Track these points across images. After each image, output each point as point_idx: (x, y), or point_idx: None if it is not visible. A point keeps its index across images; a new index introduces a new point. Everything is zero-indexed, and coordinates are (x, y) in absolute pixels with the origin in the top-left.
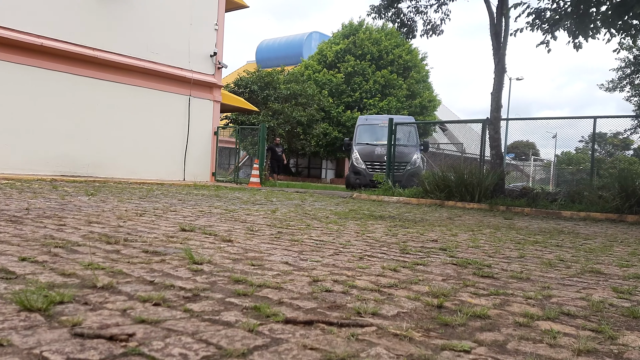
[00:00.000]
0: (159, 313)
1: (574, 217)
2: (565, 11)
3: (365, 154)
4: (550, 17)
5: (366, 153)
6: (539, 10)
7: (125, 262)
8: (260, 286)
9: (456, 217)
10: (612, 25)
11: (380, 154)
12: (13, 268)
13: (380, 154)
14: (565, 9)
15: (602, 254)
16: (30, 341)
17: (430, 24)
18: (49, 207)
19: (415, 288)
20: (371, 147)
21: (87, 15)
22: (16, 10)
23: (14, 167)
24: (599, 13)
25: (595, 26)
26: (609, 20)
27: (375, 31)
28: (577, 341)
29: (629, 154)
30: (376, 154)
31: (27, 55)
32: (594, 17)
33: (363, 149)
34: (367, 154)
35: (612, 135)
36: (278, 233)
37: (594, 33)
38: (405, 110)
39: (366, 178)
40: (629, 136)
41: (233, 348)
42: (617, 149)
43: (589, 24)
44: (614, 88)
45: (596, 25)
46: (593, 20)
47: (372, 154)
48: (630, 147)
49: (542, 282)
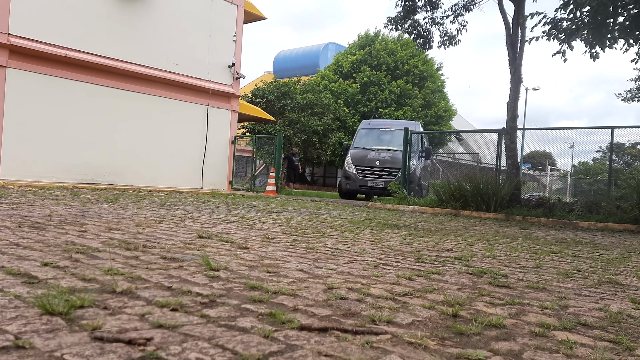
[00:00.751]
0: (177, 318)
1: (591, 227)
2: (582, 21)
3: (357, 158)
4: (567, 28)
5: (358, 157)
6: (556, 20)
7: (143, 268)
8: (275, 293)
9: (472, 227)
10: (630, 35)
11: (372, 158)
12: (35, 273)
13: (372, 158)
14: (582, 19)
15: (620, 265)
16: (51, 344)
17: (447, 34)
18: (70, 214)
19: (430, 297)
20: (365, 151)
21: (109, 27)
22: (41, 22)
23: (37, 175)
24: (616, 23)
25: (612, 36)
26: (626, 30)
27: (391, 42)
28: (594, 352)
29: None
30: (368, 158)
31: (52, 66)
32: (611, 28)
33: (356, 153)
34: (359, 158)
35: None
36: (293, 241)
37: (611, 43)
38: (421, 120)
39: (356, 183)
40: None
41: (249, 354)
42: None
43: (606, 34)
44: (632, 98)
45: (614, 36)
46: (610, 30)
47: (364, 158)
48: None
49: (558, 292)
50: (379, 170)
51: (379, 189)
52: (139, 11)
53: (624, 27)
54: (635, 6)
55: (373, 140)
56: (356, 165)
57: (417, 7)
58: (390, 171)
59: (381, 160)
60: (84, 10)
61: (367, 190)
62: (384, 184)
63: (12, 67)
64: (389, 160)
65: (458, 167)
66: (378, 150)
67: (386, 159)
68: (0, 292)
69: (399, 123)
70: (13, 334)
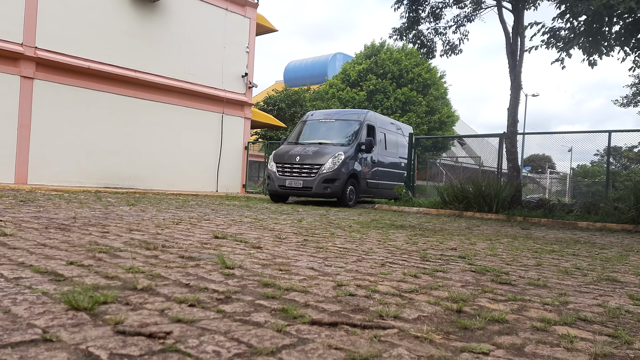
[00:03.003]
0: (194, 313)
1: (590, 227)
2: (579, 30)
3: (279, 154)
4: (565, 36)
5: (281, 153)
6: (554, 30)
7: (163, 267)
8: (287, 290)
9: (474, 227)
10: (626, 43)
11: (293, 153)
12: (62, 271)
13: (293, 153)
14: (579, 28)
15: (618, 263)
16: (77, 337)
17: (449, 44)
18: (93, 216)
19: (435, 293)
20: (289, 147)
21: (129, 40)
22: (66, 37)
23: (62, 180)
24: (612, 32)
25: (609, 44)
26: (622, 39)
27: (396, 51)
28: (594, 345)
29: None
30: (290, 154)
31: (76, 77)
32: (607, 36)
33: (281, 149)
34: (281, 154)
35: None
36: (304, 241)
37: (608, 51)
38: (425, 126)
39: (275, 183)
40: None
41: (263, 347)
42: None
43: (602, 42)
44: (629, 104)
45: (610, 44)
46: (606, 38)
47: (285, 154)
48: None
49: (559, 289)
50: (299, 167)
51: (297, 189)
52: (157, 25)
53: (620, 35)
54: (629, 15)
55: (310, 133)
56: (277, 163)
57: (421, 18)
58: (311, 168)
59: (302, 156)
60: (105, 25)
61: (286, 191)
62: (303, 183)
63: (39, 78)
64: (310, 156)
65: (461, 170)
66: (308, 145)
67: (307, 154)
68: (29, 289)
69: (343, 113)
70: (41, 328)
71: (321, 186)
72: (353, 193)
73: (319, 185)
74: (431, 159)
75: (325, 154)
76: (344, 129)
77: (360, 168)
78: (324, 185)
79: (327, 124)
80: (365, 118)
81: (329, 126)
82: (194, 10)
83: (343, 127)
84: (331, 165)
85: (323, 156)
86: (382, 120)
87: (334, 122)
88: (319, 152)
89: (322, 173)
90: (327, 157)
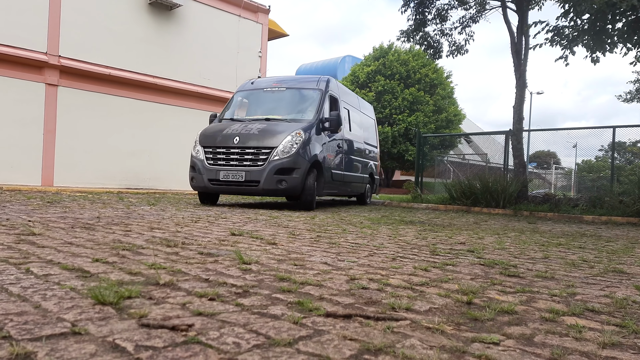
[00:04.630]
0: (214, 307)
1: (595, 221)
2: (582, 28)
3: (209, 135)
4: (569, 34)
5: (210, 133)
6: (558, 28)
7: (183, 263)
8: (302, 284)
9: (482, 222)
10: (628, 40)
11: (230, 133)
12: (88, 268)
13: (230, 133)
14: (582, 26)
15: (624, 255)
16: (104, 330)
17: (455, 45)
18: (116, 216)
19: (446, 286)
20: (223, 125)
21: (147, 47)
22: (88, 45)
23: (86, 182)
24: (614, 29)
25: (612, 41)
26: (624, 35)
27: (403, 53)
28: (602, 335)
29: None
30: (225, 134)
31: (97, 84)
32: (610, 33)
33: (210, 128)
34: (211, 135)
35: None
36: (317, 237)
37: (611, 48)
38: (432, 125)
39: (203, 177)
40: None
41: (280, 338)
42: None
43: (605, 39)
44: (632, 99)
45: (613, 41)
46: (609, 35)
47: (217, 134)
48: None
49: (566, 280)
50: (238, 153)
51: (237, 185)
52: (173, 32)
53: (622, 33)
54: (632, 13)
55: (252, 106)
56: (205, 147)
57: (427, 20)
58: (257, 154)
59: (243, 136)
60: (125, 33)
61: (220, 187)
62: (245, 175)
63: (63, 85)
64: (256, 136)
65: (468, 167)
66: (247, 122)
67: (251, 134)
68: (58, 284)
69: (297, 79)
70: (70, 321)
71: (273, 179)
72: (314, 190)
73: (269, 178)
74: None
75: (278, 133)
76: (300, 101)
77: (325, 154)
78: (277, 178)
79: (276, 94)
80: (327, 87)
81: (279, 97)
82: (208, 18)
83: (298, 98)
84: (287, 149)
85: (275, 136)
86: (346, 92)
87: (284, 92)
88: (269, 131)
89: (275, 160)
90: (281, 137)
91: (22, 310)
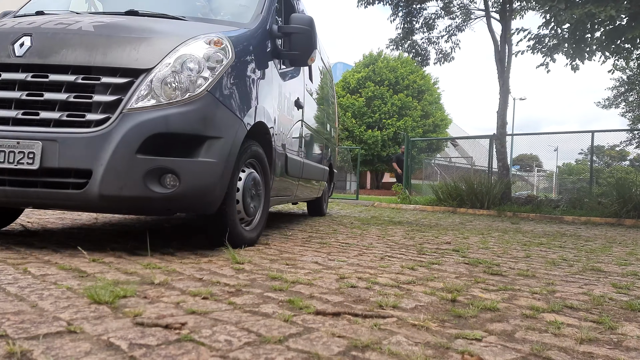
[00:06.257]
0: (207, 305)
1: (575, 221)
2: (562, 37)
3: None
4: (549, 42)
5: None
6: (539, 36)
7: (178, 263)
8: (293, 282)
9: (467, 222)
10: (607, 48)
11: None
12: (84, 268)
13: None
14: (562, 35)
15: (602, 254)
16: (99, 329)
17: (442, 52)
18: (113, 216)
19: (431, 284)
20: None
21: None
22: None
23: None
24: (593, 39)
25: (591, 50)
26: (603, 44)
27: (392, 60)
28: (580, 331)
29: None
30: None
31: None
32: (589, 42)
33: None
34: None
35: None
36: (308, 237)
37: (590, 56)
38: (420, 129)
39: None
40: (624, 148)
41: (271, 335)
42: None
43: (585, 48)
44: (610, 105)
45: (592, 49)
46: (589, 44)
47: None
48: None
49: (546, 279)
50: (27, 84)
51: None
52: None
53: (601, 41)
54: (610, 23)
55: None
56: None
57: (415, 28)
58: (86, 90)
59: (42, 39)
60: None
61: None
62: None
63: None
64: (87, 39)
65: (454, 170)
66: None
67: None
68: (55, 284)
69: None
70: (66, 320)
71: (136, 170)
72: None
73: (124, 163)
74: (426, 160)
75: (156, 36)
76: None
77: (278, 113)
78: (148, 165)
79: None
80: None
81: None
82: None
83: None
84: (182, 79)
85: (146, 42)
86: None
87: None
88: (126, 30)
89: (141, 110)
90: (165, 45)
91: (19, 309)
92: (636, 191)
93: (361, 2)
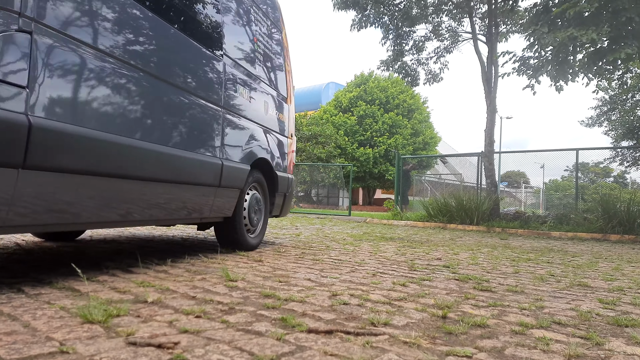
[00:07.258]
0: (200, 324)
1: (562, 237)
2: (546, 59)
3: None
4: (534, 65)
5: None
6: (524, 58)
7: (171, 281)
8: (286, 300)
9: (457, 238)
10: (589, 70)
11: None
12: (78, 287)
13: None
14: (546, 57)
15: (589, 270)
16: (91, 349)
17: (431, 73)
18: (105, 232)
19: (422, 301)
20: None
21: None
22: None
23: None
24: (576, 60)
25: (574, 71)
26: (585, 66)
27: (383, 80)
28: (568, 347)
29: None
30: None
31: None
32: (572, 64)
33: None
34: None
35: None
36: (302, 253)
37: (573, 77)
38: (410, 147)
39: None
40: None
41: (264, 354)
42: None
43: (568, 69)
44: (593, 124)
45: (575, 71)
46: (571, 66)
47: None
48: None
49: (535, 294)
50: None
51: None
52: None
53: (584, 64)
54: (591, 45)
55: None
56: None
57: (405, 50)
58: None
59: None
60: None
61: None
62: None
63: None
64: None
65: (444, 186)
66: None
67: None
68: (48, 303)
69: None
70: (59, 340)
71: None
72: None
73: None
74: (417, 176)
75: None
76: None
77: None
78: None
79: None
80: None
81: None
82: None
83: None
84: None
85: None
86: None
87: None
88: None
89: None
90: None
91: (12, 329)
92: (621, 207)
93: (354, 26)
